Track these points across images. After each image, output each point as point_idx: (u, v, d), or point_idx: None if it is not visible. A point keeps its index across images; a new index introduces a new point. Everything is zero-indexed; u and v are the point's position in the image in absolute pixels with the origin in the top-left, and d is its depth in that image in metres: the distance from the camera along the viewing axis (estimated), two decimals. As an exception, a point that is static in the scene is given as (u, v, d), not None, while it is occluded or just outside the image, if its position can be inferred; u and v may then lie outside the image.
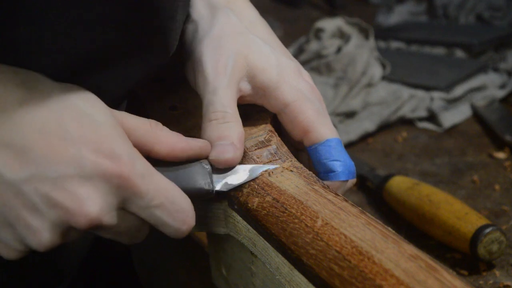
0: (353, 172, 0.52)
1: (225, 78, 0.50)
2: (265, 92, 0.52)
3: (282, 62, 0.53)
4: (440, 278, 0.34)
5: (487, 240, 0.64)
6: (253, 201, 0.45)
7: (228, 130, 0.48)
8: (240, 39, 0.52)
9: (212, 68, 0.50)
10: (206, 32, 0.52)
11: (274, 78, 0.51)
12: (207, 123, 0.49)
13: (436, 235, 0.70)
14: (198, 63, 0.51)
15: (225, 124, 0.48)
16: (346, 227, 0.39)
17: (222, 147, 0.47)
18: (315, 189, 0.44)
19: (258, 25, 0.56)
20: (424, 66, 1.19)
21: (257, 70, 0.51)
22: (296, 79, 0.52)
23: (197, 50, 0.52)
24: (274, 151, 0.49)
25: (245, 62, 0.51)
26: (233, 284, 0.57)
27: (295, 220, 0.41)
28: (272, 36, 0.56)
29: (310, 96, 0.52)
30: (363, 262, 0.36)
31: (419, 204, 0.72)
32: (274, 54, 0.52)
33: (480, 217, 0.67)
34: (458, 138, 0.98)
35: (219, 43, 0.51)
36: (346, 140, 0.98)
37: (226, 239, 0.54)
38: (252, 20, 0.56)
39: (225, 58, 0.50)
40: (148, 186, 0.41)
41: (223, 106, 0.49)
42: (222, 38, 0.51)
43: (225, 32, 0.52)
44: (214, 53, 0.51)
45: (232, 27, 0.53)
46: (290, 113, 0.51)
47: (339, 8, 1.72)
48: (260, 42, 0.53)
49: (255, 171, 0.47)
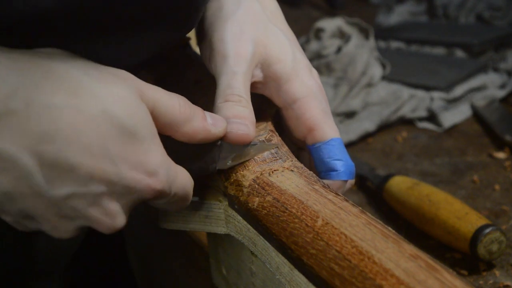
0: (353, 173, 0.53)
1: (245, 64, 0.50)
2: (276, 83, 0.52)
3: (297, 57, 0.53)
4: (440, 278, 0.34)
5: (487, 240, 0.64)
6: (253, 200, 0.45)
7: (244, 113, 0.48)
8: (261, 27, 0.52)
9: (234, 51, 0.50)
10: (230, 13, 0.52)
11: (288, 70, 0.52)
12: (223, 103, 0.49)
13: (436, 235, 0.70)
14: (219, 43, 0.51)
15: (242, 107, 0.49)
16: (346, 227, 0.39)
17: (238, 124, 0.47)
18: (315, 189, 0.44)
19: (278, 16, 0.56)
20: (424, 66, 1.19)
21: (272, 60, 0.52)
22: (308, 75, 0.53)
23: (220, 29, 0.52)
24: (275, 151, 0.50)
25: (263, 51, 0.51)
26: (233, 284, 0.57)
27: (295, 219, 0.41)
28: (289, 30, 0.57)
29: (318, 95, 0.53)
30: (363, 261, 0.36)
31: (419, 204, 0.72)
32: (291, 47, 0.53)
33: (480, 217, 0.66)
34: (458, 138, 0.98)
35: (241, 28, 0.51)
36: (346, 140, 0.98)
37: (226, 239, 0.54)
38: (273, 10, 0.56)
39: (246, 44, 0.51)
40: (172, 189, 0.42)
41: (240, 91, 0.49)
42: (246, 23, 0.52)
43: (249, 18, 0.52)
44: (236, 37, 0.51)
45: (255, 14, 0.53)
46: (297, 109, 0.52)
47: (339, 8, 1.73)
48: (279, 33, 0.53)
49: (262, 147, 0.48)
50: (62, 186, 0.38)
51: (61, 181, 0.38)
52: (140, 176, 0.40)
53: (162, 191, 0.41)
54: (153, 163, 0.40)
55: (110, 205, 0.40)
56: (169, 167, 0.42)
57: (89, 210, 0.39)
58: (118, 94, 0.40)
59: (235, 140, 0.47)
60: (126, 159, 0.39)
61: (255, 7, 0.54)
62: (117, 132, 0.39)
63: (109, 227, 0.40)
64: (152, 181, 0.40)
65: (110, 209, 0.40)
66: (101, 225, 0.40)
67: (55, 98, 0.37)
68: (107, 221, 0.40)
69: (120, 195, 0.40)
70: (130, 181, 0.39)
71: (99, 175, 0.38)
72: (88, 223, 0.40)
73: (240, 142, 0.48)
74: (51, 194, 0.38)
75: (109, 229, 0.41)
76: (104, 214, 0.40)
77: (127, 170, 0.39)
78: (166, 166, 0.41)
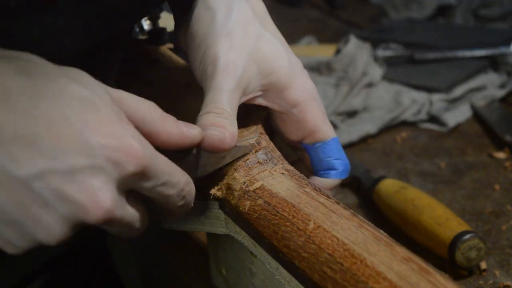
0: (349, 171, 0.54)
1: (234, 81, 0.50)
2: (276, 91, 0.52)
3: (292, 61, 0.53)
4: (433, 280, 0.34)
5: (465, 246, 0.63)
6: (244, 204, 0.45)
7: (223, 122, 0.47)
8: (254, 37, 0.52)
9: (223, 69, 0.50)
10: (222, 25, 0.52)
11: (286, 77, 0.52)
12: (204, 115, 0.48)
13: (419, 240, 0.69)
14: (211, 59, 0.51)
15: (222, 118, 0.48)
16: (338, 230, 0.39)
17: (213, 130, 0.46)
18: (306, 191, 0.44)
19: (268, 20, 0.56)
20: (424, 66, 1.19)
21: (269, 71, 0.51)
22: (305, 78, 0.53)
23: (212, 45, 0.51)
24: (265, 154, 0.49)
25: (256, 65, 0.51)
26: (233, 284, 0.57)
27: (286, 223, 0.41)
28: (277, 30, 0.57)
29: (316, 96, 0.53)
30: (356, 265, 0.36)
31: (404, 209, 0.71)
32: (286, 53, 0.53)
33: (461, 223, 0.66)
34: (458, 138, 0.98)
35: (232, 45, 0.51)
36: (348, 140, 0.98)
37: (226, 239, 0.54)
38: (263, 14, 0.56)
39: (238, 61, 0.50)
40: (156, 167, 0.40)
41: (224, 106, 0.49)
42: (237, 37, 0.51)
43: (241, 28, 0.52)
44: (227, 54, 0.51)
45: (248, 23, 0.53)
46: (298, 112, 0.52)
47: (339, 8, 1.72)
48: (273, 40, 0.53)
49: (237, 151, 0.48)
50: (29, 164, 0.35)
51: (28, 159, 0.35)
52: (108, 141, 0.37)
53: (145, 164, 0.39)
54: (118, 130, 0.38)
55: (89, 181, 0.37)
56: (142, 139, 0.40)
57: (65, 188, 0.36)
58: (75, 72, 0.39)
59: (209, 145, 0.46)
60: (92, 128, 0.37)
61: (247, 14, 0.53)
62: (76, 101, 0.37)
63: (94, 207, 0.37)
64: (127, 148, 0.38)
65: (89, 185, 0.37)
66: (85, 208, 0.37)
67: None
68: (88, 201, 0.37)
69: (97, 168, 0.37)
70: (99, 149, 0.37)
71: (65, 146, 0.36)
72: (72, 210, 0.37)
73: (215, 149, 0.46)
74: (18, 174, 0.35)
75: (95, 210, 0.37)
76: (83, 193, 0.37)
77: (94, 137, 0.37)
78: (139, 137, 0.39)
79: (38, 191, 0.36)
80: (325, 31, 1.56)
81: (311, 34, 1.47)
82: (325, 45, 1.37)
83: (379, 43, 1.27)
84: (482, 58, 1.18)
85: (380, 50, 1.22)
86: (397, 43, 1.28)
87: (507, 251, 0.67)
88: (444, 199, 0.78)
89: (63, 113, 0.37)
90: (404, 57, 1.22)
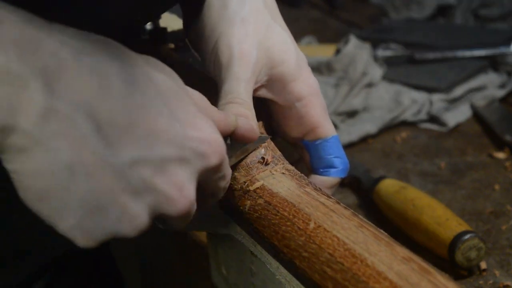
0: (348, 170, 0.54)
1: (250, 71, 0.50)
2: (281, 84, 0.52)
3: (300, 55, 0.53)
4: (433, 280, 0.34)
5: (465, 247, 0.63)
6: (245, 204, 0.45)
7: (247, 113, 0.48)
8: (264, 28, 0.52)
9: (239, 58, 0.50)
10: (236, 11, 0.52)
11: (292, 70, 0.52)
12: (226, 105, 0.48)
13: (419, 240, 0.69)
14: (224, 48, 0.51)
15: (245, 109, 0.48)
16: (338, 230, 0.39)
17: (245, 120, 0.46)
18: (307, 191, 0.44)
19: (277, 14, 0.56)
20: (424, 66, 1.19)
21: (277, 61, 0.51)
22: (309, 73, 0.53)
23: (226, 33, 0.51)
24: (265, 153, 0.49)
25: (266, 55, 0.51)
26: (233, 284, 0.57)
27: (287, 223, 0.41)
28: (286, 27, 0.56)
29: (319, 92, 0.53)
30: (356, 264, 0.36)
31: (404, 209, 0.71)
32: (294, 46, 0.53)
33: (461, 223, 0.66)
34: (458, 138, 0.98)
35: (247, 32, 0.51)
36: (347, 140, 0.98)
37: (226, 239, 0.54)
38: (273, 7, 0.56)
39: (251, 50, 0.50)
40: (226, 160, 0.40)
41: (244, 97, 0.49)
42: (250, 26, 0.51)
43: (253, 18, 0.52)
44: (242, 42, 0.50)
45: (259, 13, 0.53)
46: (302, 107, 0.52)
47: (339, 8, 1.72)
48: (282, 32, 0.53)
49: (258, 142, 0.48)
50: (125, 150, 0.34)
51: (124, 145, 0.34)
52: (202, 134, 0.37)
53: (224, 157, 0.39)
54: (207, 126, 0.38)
55: (177, 174, 0.36)
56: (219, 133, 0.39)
57: (155, 179, 0.35)
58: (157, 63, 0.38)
59: (241, 135, 0.45)
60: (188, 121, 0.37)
61: (259, 6, 0.53)
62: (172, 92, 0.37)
63: (181, 199, 0.36)
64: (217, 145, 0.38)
65: (177, 178, 0.36)
66: (172, 201, 0.36)
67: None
68: (175, 194, 0.36)
69: (186, 161, 0.36)
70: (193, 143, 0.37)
71: (161, 134, 0.35)
72: (158, 201, 0.36)
73: (246, 138, 0.46)
74: (114, 160, 0.33)
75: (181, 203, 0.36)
76: (172, 186, 0.36)
77: (191, 131, 0.37)
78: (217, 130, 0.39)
79: (130, 179, 0.34)
80: (325, 31, 1.56)
81: (311, 34, 1.47)
82: (325, 45, 1.37)
83: (379, 43, 1.27)
84: (482, 58, 1.18)
85: (380, 50, 1.22)
86: (397, 43, 1.28)
87: (507, 251, 0.67)
88: (444, 199, 0.78)
89: (154, 102, 0.36)
90: (404, 57, 1.22)
